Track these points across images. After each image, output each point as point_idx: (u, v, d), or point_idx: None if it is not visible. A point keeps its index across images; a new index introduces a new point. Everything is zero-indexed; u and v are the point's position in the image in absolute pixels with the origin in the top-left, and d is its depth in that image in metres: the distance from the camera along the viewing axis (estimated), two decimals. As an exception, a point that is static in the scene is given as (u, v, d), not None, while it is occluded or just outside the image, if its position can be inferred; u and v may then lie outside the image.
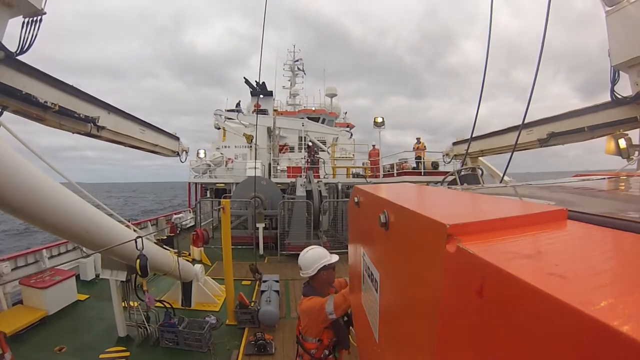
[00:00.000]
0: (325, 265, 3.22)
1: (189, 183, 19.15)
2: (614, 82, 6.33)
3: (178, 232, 15.22)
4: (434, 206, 1.01)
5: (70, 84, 5.73)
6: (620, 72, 6.22)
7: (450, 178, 4.31)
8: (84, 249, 9.14)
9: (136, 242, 4.22)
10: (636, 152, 6.53)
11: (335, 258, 3.27)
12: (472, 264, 0.54)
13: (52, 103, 5.29)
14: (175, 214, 17.04)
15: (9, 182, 3.04)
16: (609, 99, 6.53)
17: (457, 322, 0.59)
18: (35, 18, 4.66)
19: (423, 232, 0.71)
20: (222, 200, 6.88)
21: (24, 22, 4.62)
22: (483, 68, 3.90)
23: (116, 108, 7.11)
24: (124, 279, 5.41)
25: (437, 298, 0.63)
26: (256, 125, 10.33)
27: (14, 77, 4.80)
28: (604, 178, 2.06)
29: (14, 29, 4.60)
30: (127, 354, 4.65)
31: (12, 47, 4.64)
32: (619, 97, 6.39)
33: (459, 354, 0.59)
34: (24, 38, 4.62)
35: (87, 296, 7.56)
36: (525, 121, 8.67)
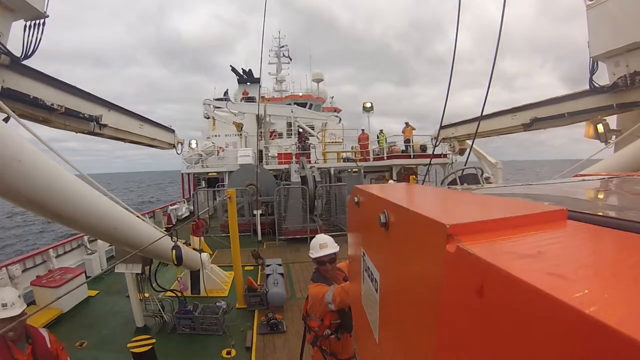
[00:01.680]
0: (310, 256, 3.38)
1: (182, 174, 19.09)
2: (592, 71, 6.52)
3: (175, 223, 15.31)
4: (434, 206, 0.99)
5: (60, 79, 5.69)
6: (599, 62, 6.40)
7: (452, 177, 4.45)
8: (88, 245, 9.21)
9: (171, 235, 4.48)
10: (613, 136, 6.89)
11: (320, 253, 3.29)
12: (472, 264, 0.53)
13: (59, 105, 5.27)
14: (171, 205, 17.07)
15: (55, 192, 3.11)
16: (588, 87, 6.71)
17: (457, 322, 0.59)
18: (38, 21, 4.64)
19: (423, 232, 0.71)
20: (227, 190, 7.08)
21: (26, 26, 4.59)
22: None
23: (116, 105, 7.09)
24: (140, 272, 5.58)
25: (437, 298, 0.63)
26: (257, 113, 10.46)
27: (20, 82, 4.75)
28: (604, 178, 2.04)
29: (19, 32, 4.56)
30: (153, 341, 4.87)
31: (17, 50, 4.62)
32: (597, 86, 6.59)
33: (459, 354, 0.59)
34: (28, 42, 4.61)
35: (97, 292, 7.61)
36: (511, 107, 8.95)
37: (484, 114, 10.84)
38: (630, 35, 5.58)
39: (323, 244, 3.32)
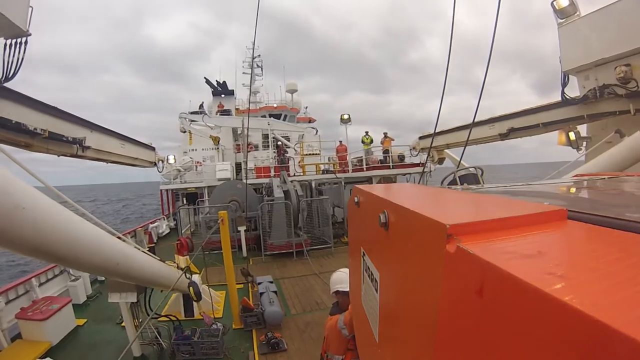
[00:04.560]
0: (338, 290, 3.28)
1: (161, 190, 18.40)
2: (564, 84, 6.90)
3: (156, 241, 14.66)
4: (434, 206, 0.98)
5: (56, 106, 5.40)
6: (570, 75, 6.80)
7: (450, 178, 4.54)
8: (71, 270, 8.60)
9: (185, 274, 4.29)
10: (584, 143, 7.37)
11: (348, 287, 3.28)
12: (472, 264, 0.53)
13: (42, 129, 4.98)
14: (151, 223, 16.36)
15: (59, 236, 2.90)
16: (560, 98, 7.09)
17: (457, 322, 0.58)
18: (19, 40, 4.35)
19: (423, 232, 0.70)
20: (219, 213, 6.87)
21: (6, 45, 4.29)
22: (445, 65, 4.14)
23: (99, 125, 6.80)
24: (135, 300, 5.27)
25: (437, 298, 0.62)
26: (247, 128, 10.23)
27: (1, 106, 4.49)
28: (604, 178, 2.05)
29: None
30: None
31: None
32: (568, 98, 6.95)
33: (458, 354, 0.58)
34: (9, 62, 4.30)
35: (85, 320, 7.14)
36: (487, 117, 9.32)
37: (459, 125, 11.14)
38: (599, 51, 5.96)
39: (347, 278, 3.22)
